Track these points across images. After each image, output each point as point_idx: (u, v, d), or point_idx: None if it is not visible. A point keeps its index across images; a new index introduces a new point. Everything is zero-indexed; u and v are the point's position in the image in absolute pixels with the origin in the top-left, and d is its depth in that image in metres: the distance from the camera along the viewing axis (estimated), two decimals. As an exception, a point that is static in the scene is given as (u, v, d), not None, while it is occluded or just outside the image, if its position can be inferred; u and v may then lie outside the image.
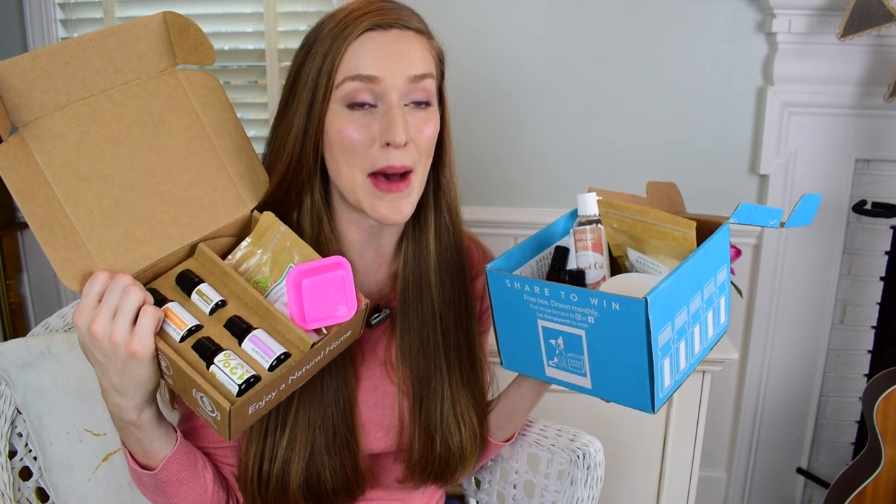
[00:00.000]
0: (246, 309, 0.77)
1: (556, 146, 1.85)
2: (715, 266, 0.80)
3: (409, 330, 0.92)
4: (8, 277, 2.02)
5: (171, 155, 0.80)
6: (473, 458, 0.96)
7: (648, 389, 0.72)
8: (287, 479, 0.85)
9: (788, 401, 1.93)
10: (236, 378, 0.71)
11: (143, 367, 0.70)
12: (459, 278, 0.94)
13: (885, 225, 1.81)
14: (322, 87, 0.80)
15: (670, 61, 1.78)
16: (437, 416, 0.91)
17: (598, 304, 0.70)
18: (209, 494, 0.86)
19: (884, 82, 1.69)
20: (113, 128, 0.77)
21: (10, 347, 1.05)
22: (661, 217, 0.79)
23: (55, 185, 0.73)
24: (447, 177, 0.91)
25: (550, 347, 0.77)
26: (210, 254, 0.80)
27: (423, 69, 0.82)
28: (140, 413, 0.75)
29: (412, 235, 0.92)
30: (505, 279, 0.77)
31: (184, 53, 0.82)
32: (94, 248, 0.74)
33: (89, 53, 0.75)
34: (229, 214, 0.83)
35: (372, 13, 0.81)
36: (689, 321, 0.76)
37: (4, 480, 1.04)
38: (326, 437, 0.86)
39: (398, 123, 0.79)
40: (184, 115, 0.82)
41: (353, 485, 0.89)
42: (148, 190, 0.78)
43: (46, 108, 0.73)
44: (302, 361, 0.74)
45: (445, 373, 0.92)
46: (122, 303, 0.69)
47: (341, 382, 0.87)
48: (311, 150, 0.83)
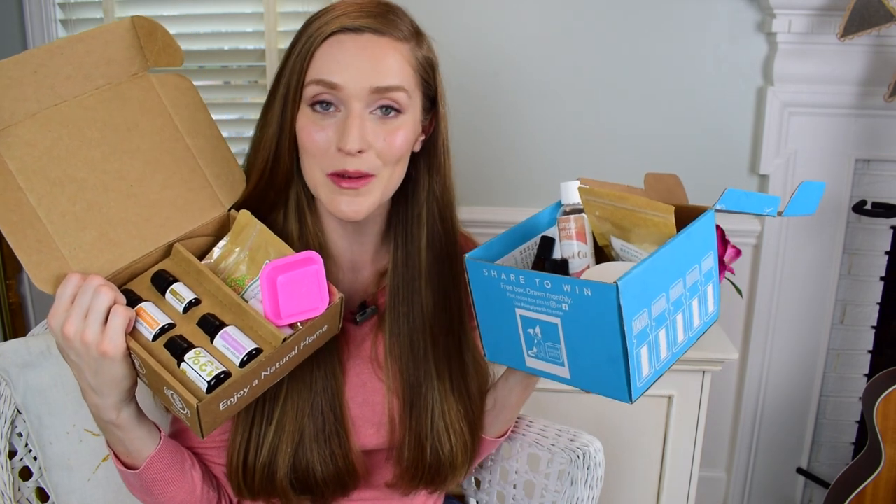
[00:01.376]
0: (220, 307, 0.78)
1: (556, 146, 1.85)
2: (699, 253, 0.78)
3: (398, 334, 0.92)
4: (8, 277, 2.02)
5: (145, 157, 0.81)
6: (465, 468, 0.96)
7: (625, 378, 0.70)
8: (274, 468, 0.85)
9: (788, 401, 1.93)
10: (205, 375, 0.71)
11: (115, 367, 0.71)
12: (452, 287, 0.93)
13: (885, 225, 1.81)
14: (293, 87, 0.81)
15: (670, 61, 1.78)
16: (428, 423, 0.91)
17: (571, 290, 0.69)
18: (198, 494, 0.86)
19: (884, 82, 1.69)
20: (85, 132, 0.78)
21: (10, 347, 1.05)
22: (641, 203, 0.78)
23: (27, 191, 0.74)
24: (441, 184, 0.90)
25: (529, 337, 0.76)
26: (185, 253, 0.80)
27: (392, 81, 0.80)
28: (118, 412, 0.75)
29: (402, 241, 0.92)
30: (482, 268, 0.76)
31: (154, 56, 0.83)
32: (67, 251, 0.75)
33: (57, 60, 0.76)
34: (205, 214, 0.83)
35: (346, 15, 0.79)
36: (669, 308, 0.74)
37: (4, 480, 1.04)
38: (315, 426, 0.86)
39: (352, 132, 0.78)
40: (156, 118, 0.82)
41: (345, 476, 0.88)
42: (121, 192, 0.79)
43: (17, 116, 0.74)
44: (274, 357, 0.75)
45: (435, 381, 0.91)
46: (93, 303, 0.70)
47: (329, 373, 0.87)
48: (286, 150, 0.84)
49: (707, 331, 0.84)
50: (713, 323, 0.85)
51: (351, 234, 0.92)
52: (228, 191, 0.86)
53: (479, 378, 0.97)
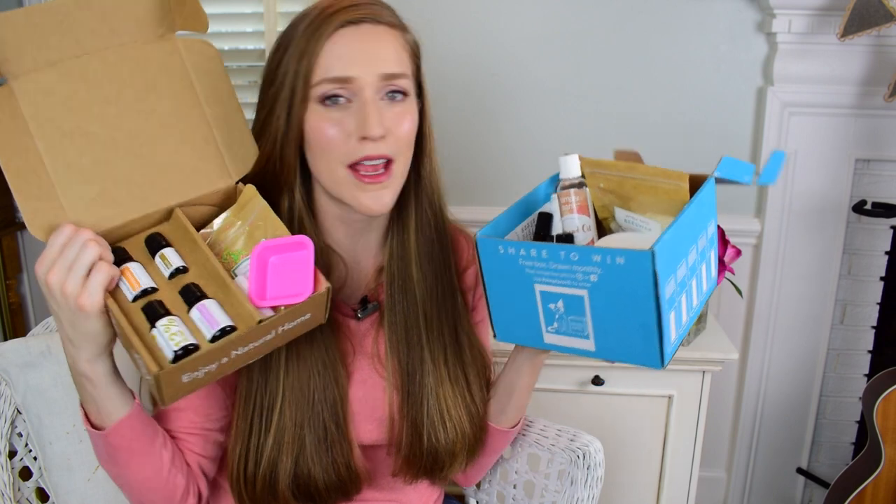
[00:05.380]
0: (206, 278, 0.77)
1: (555, 146, 1.85)
2: (706, 219, 0.79)
3: (395, 324, 0.92)
4: (8, 277, 2.02)
5: (159, 119, 0.80)
6: (463, 456, 0.95)
7: (657, 344, 0.70)
8: (275, 479, 0.85)
9: (788, 401, 1.93)
10: (173, 344, 0.71)
11: (91, 321, 0.71)
12: (443, 272, 0.93)
13: (885, 225, 1.81)
14: (300, 89, 0.81)
15: (670, 61, 1.78)
16: (424, 411, 0.91)
17: (602, 260, 0.68)
18: (164, 476, 0.85)
19: (884, 82, 1.69)
20: (103, 87, 0.77)
21: (10, 347, 1.05)
22: (652, 171, 0.78)
23: (38, 138, 0.74)
24: (427, 169, 0.91)
25: (549, 312, 0.75)
26: (183, 220, 0.80)
27: (397, 68, 0.82)
28: (92, 366, 0.75)
29: (395, 230, 0.92)
30: (498, 245, 0.75)
31: (182, 20, 0.82)
32: (67, 202, 0.75)
33: (85, 13, 0.76)
34: (212, 184, 0.82)
35: (343, 10, 0.81)
36: (688, 274, 0.74)
37: (4, 480, 1.04)
38: (317, 436, 0.86)
39: (372, 117, 0.80)
40: (177, 82, 0.82)
41: (347, 483, 0.89)
42: (130, 152, 0.78)
43: (38, 64, 0.74)
44: (246, 337, 0.73)
45: (430, 367, 0.91)
46: (79, 256, 0.71)
47: (330, 381, 0.87)
48: (292, 151, 0.84)
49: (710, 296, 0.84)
50: (714, 288, 0.86)
51: (357, 233, 0.92)
52: (239, 163, 0.84)
53: (477, 365, 0.97)
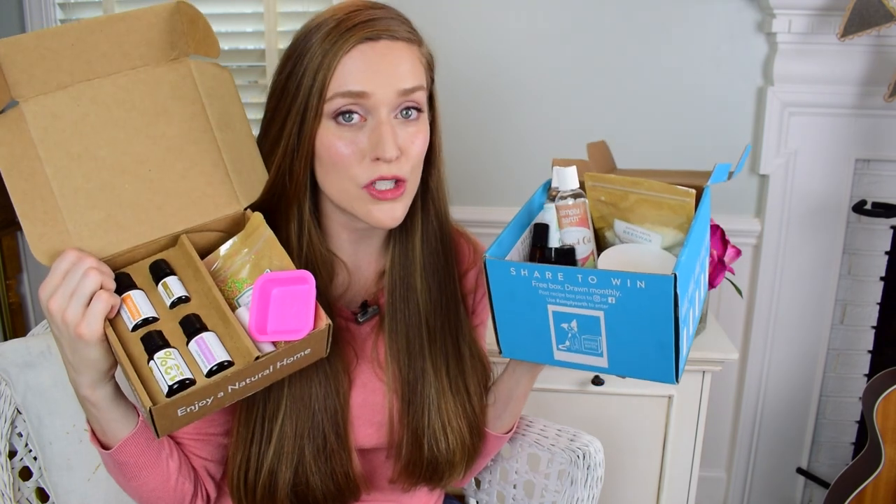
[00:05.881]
0: (207, 308, 0.76)
1: (555, 146, 1.85)
2: (705, 230, 0.81)
3: (396, 332, 0.92)
4: (8, 277, 2.02)
5: (169, 144, 0.79)
6: (463, 465, 0.96)
7: (673, 362, 0.71)
8: (274, 488, 0.86)
9: (788, 401, 1.93)
10: (168, 378, 0.70)
11: (90, 349, 0.72)
12: (447, 282, 0.94)
13: (885, 225, 1.81)
14: (314, 103, 0.80)
15: (670, 61, 1.78)
16: (425, 420, 0.91)
17: (622, 283, 0.68)
18: (172, 484, 0.86)
19: (884, 82, 1.69)
20: (113, 111, 0.77)
21: (10, 347, 1.05)
22: (657, 187, 0.78)
23: (45, 162, 0.74)
24: (435, 180, 0.91)
25: (561, 331, 0.76)
26: (188, 247, 0.79)
27: (413, 82, 0.81)
28: (94, 390, 0.76)
29: (399, 238, 0.92)
30: (509, 267, 0.75)
31: (194, 44, 0.82)
32: (72, 227, 0.74)
33: (97, 36, 0.75)
34: (219, 210, 0.81)
35: (361, 25, 0.80)
36: (694, 287, 0.76)
37: (4, 480, 1.04)
38: (316, 446, 0.86)
39: (388, 140, 0.79)
40: (188, 106, 0.81)
41: (345, 491, 0.90)
42: (138, 176, 0.78)
43: (49, 87, 0.74)
44: (244, 373, 0.72)
45: (432, 377, 0.92)
46: (80, 285, 0.71)
47: (332, 391, 0.87)
48: (302, 165, 0.83)
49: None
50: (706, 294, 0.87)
51: (360, 238, 0.92)
52: (248, 188, 0.83)
53: (477, 375, 0.97)
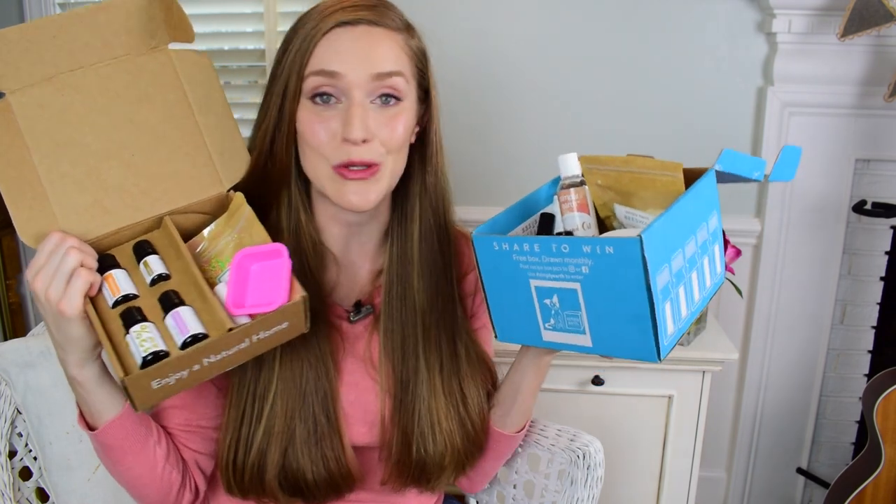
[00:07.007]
0: (186, 286, 0.78)
1: (555, 146, 1.84)
2: (706, 212, 0.78)
3: (391, 331, 0.92)
4: (8, 277, 2.02)
5: (152, 130, 0.82)
6: (451, 469, 0.94)
7: (652, 336, 0.69)
8: (263, 470, 0.86)
9: (788, 401, 1.93)
10: (143, 350, 0.72)
11: (72, 326, 0.74)
12: (445, 282, 0.93)
13: (885, 225, 1.81)
14: (293, 83, 0.82)
15: (670, 61, 1.78)
16: (415, 420, 0.90)
17: (592, 250, 0.68)
18: (158, 472, 0.86)
19: (884, 82, 1.69)
20: (97, 100, 0.80)
21: (10, 347, 1.05)
22: (648, 164, 0.78)
23: (33, 150, 0.77)
24: (434, 177, 0.91)
25: (545, 308, 0.75)
26: (170, 228, 0.81)
27: (391, 67, 0.82)
28: (80, 369, 0.78)
29: (397, 235, 0.92)
30: (492, 242, 0.75)
31: (171, 30, 0.84)
32: (59, 211, 0.78)
33: (77, 27, 0.78)
34: (203, 191, 0.84)
35: (342, 10, 0.82)
36: (685, 266, 0.74)
37: (4, 480, 1.04)
38: (307, 428, 0.86)
39: (355, 121, 0.80)
40: (170, 92, 0.83)
41: (338, 479, 0.88)
42: (122, 162, 0.81)
43: (34, 78, 0.78)
44: (217, 345, 0.73)
45: (424, 377, 0.91)
46: (61, 263, 0.73)
47: (321, 374, 0.87)
48: (283, 146, 0.85)
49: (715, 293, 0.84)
50: (720, 285, 0.85)
51: (351, 233, 0.92)
52: (231, 170, 0.86)
53: (476, 376, 0.95)
